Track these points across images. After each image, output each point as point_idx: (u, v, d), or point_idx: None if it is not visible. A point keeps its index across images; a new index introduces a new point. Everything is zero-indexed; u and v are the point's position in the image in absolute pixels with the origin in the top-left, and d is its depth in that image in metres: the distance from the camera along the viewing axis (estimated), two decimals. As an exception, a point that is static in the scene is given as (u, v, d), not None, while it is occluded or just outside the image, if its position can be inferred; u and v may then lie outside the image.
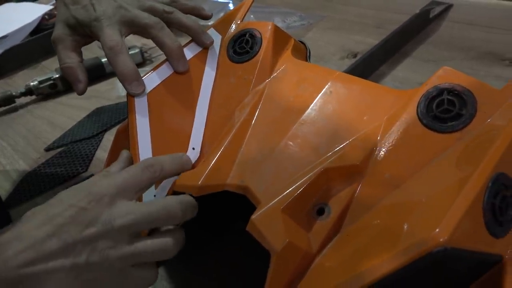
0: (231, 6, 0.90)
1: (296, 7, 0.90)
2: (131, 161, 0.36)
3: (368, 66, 0.64)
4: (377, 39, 0.71)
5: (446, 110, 0.29)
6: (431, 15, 0.76)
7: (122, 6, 0.39)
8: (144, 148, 0.37)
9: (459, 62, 0.66)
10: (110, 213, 0.28)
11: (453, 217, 0.23)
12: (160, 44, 0.39)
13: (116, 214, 0.28)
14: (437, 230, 0.22)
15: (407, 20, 0.73)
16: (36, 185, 0.53)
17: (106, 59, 0.74)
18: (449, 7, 0.79)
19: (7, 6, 1.03)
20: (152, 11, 0.40)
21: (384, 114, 0.32)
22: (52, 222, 0.27)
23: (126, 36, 0.39)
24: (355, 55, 0.71)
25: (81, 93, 0.41)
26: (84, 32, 0.40)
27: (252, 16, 0.83)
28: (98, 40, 0.39)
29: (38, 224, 0.27)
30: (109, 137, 0.61)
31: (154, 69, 0.40)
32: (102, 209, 0.28)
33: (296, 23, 0.82)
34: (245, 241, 0.31)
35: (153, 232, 0.31)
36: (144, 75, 0.39)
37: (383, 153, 0.30)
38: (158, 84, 0.39)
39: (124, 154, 0.36)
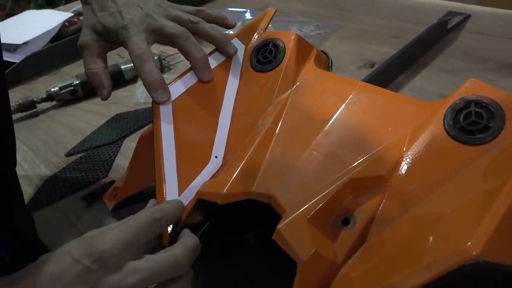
0: (248, 15, 0.90)
1: (313, 16, 0.91)
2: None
3: (386, 76, 0.64)
4: (394, 48, 0.71)
5: (473, 122, 0.29)
6: (449, 26, 0.76)
7: (149, 15, 0.40)
8: (168, 156, 0.37)
9: (477, 73, 0.66)
10: (118, 276, 0.28)
11: (485, 230, 0.23)
12: (186, 54, 0.40)
13: (124, 275, 0.28)
14: (469, 243, 0.22)
15: (424, 30, 0.73)
16: (58, 189, 0.54)
17: (125, 66, 0.75)
18: (467, 17, 0.79)
19: (28, 13, 1.06)
20: (178, 20, 0.40)
21: (409, 125, 0.32)
22: (62, 279, 0.28)
23: (152, 44, 0.40)
24: (372, 65, 0.71)
25: (105, 98, 0.42)
26: (111, 39, 0.41)
27: (270, 25, 0.83)
28: (125, 48, 0.39)
29: (49, 278, 0.28)
30: (128, 144, 0.62)
31: (179, 77, 0.40)
32: (108, 271, 0.28)
33: (313, 32, 0.83)
34: (266, 248, 0.31)
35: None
36: (170, 83, 0.40)
37: (408, 164, 0.30)
38: (183, 92, 0.40)
39: (151, 203, 0.35)
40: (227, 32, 0.73)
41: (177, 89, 0.40)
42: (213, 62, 0.41)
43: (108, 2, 0.40)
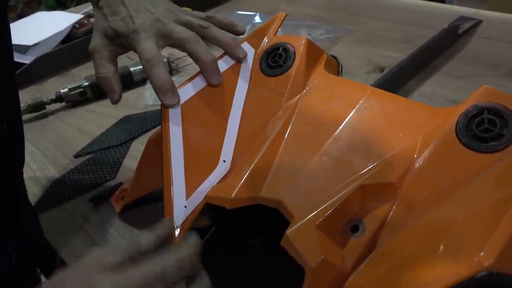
0: (257, 18, 0.90)
1: (322, 20, 0.91)
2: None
3: (396, 81, 0.64)
4: (404, 53, 0.70)
5: (486, 130, 0.29)
6: (460, 31, 0.75)
7: (159, 19, 0.40)
8: (177, 159, 0.37)
9: (488, 79, 0.65)
10: None
11: (498, 240, 0.22)
12: (195, 58, 0.40)
13: None
14: (481, 253, 0.22)
15: (435, 35, 0.72)
16: (65, 191, 0.54)
17: (134, 68, 0.76)
18: (478, 22, 0.78)
19: (39, 14, 1.07)
20: (188, 25, 0.40)
21: (420, 131, 0.32)
22: None
23: (162, 49, 0.40)
24: (382, 70, 0.71)
25: (115, 102, 0.42)
26: (122, 43, 0.41)
27: (279, 29, 0.83)
28: (135, 52, 0.40)
29: None
30: (136, 146, 0.62)
31: (189, 80, 0.40)
32: None
33: (322, 36, 0.82)
34: (273, 253, 0.31)
35: None
36: (179, 87, 0.40)
37: (419, 171, 0.30)
38: (192, 96, 0.40)
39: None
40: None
41: (186, 92, 0.40)
42: (222, 66, 0.41)
43: (119, 7, 0.40)
